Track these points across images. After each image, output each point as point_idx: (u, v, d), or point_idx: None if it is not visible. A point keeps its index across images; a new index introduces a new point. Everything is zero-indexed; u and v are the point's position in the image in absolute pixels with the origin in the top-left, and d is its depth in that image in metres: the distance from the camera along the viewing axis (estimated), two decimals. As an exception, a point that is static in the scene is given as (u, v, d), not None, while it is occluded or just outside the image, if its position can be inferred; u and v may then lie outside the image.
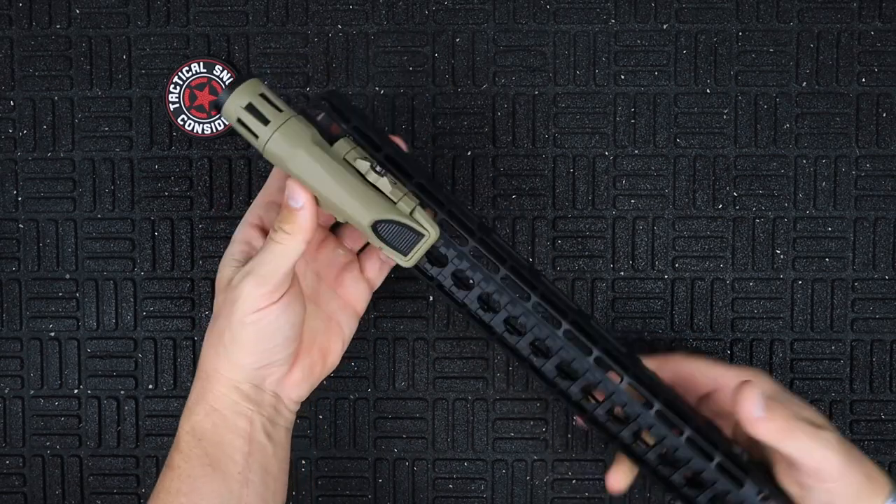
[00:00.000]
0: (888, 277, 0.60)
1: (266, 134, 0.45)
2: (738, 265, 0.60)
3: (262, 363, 0.48)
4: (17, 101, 0.61)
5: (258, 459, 0.48)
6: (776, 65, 0.60)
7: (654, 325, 0.60)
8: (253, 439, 0.48)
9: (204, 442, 0.48)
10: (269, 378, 0.49)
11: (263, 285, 0.46)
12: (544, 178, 0.61)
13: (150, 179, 0.61)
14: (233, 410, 0.48)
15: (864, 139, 0.60)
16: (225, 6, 0.61)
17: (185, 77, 0.60)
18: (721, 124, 0.60)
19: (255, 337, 0.47)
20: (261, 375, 0.48)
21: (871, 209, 0.60)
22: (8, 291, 0.62)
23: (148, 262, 0.61)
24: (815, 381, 0.60)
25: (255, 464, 0.48)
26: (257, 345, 0.47)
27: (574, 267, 0.61)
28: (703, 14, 0.60)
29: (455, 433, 0.61)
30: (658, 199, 0.60)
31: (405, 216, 0.46)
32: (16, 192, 0.61)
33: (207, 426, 0.48)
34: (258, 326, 0.46)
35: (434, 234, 0.46)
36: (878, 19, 0.60)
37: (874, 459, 0.60)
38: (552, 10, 0.60)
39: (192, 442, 0.48)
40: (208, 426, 0.48)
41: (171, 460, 0.48)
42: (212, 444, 0.48)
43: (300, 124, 0.46)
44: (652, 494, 0.61)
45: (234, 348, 0.47)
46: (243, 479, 0.47)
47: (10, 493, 0.61)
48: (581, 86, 0.61)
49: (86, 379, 0.61)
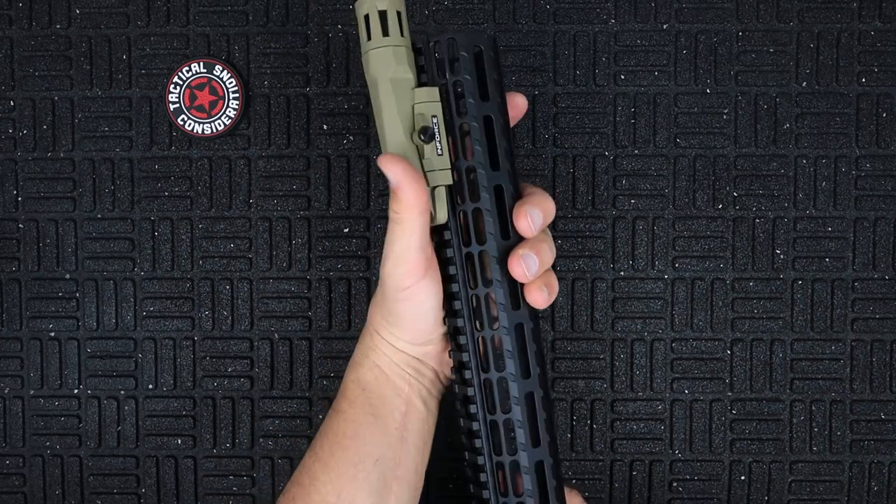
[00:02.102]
0: (888, 277, 0.60)
1: (376, 43, 0.46)
2: (738, 265, 0.60)
3: (418, 340, 0.49)
4: (17, 101, 0.61)
5: (414, 422, 0.50)
6: (776, 65, 0.60)
7: (654, 325, 0.60)
8: (410, 402, 0.50)
9: (367, 392, 0.49)
10: (428, 354, 0.50)
11: (400, 265, 0.46)
12: (544, 178, 0.61)
13: (150, 179, 0.61)
14: (394, 372, 0.50)
15: (864, 139, 0.60)
16: (225, 6, 0.61)
17: (185, 77, 0.60)
18: (721, 124, 0.60)
19: (408, 315, 0.48)
20: (421, 351, 0.50)
21: (871, 209, 0.60)
22: (8, 291, 0.62)
23: (148, 262, 0.61)
24: (815, 381, 0.60)
25: (412, 424, 0.50)
26: (412, 323, 0.48)
27: (574, 267, 0.61)
28: (703, 14, 0.60)
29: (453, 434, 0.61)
30: (658, 199, 0.60)
31: None
32: (16, 192, 0.61)
33: (370, 379, 0.50)
34: (408, 305, 0.47)
35: (441, 217, 0.46)
36: (878, 19, 0.60)
37: (874, 459, 0.60)
38: (552, 10, 0.60)
39: (356, 390, 0.50)
40: (371, 379, 0.50)
41: (338, 405, 0.50)
42: (375, 396, 0.49)
43: (392, 56, 0.46)
44: (652, 494, 0.61)
45: (392, 322, 0.49)
46: (400, 435, 0.49)
47: (10, 493, 0.61)
48: (581, 86, 0.61)
49: (86, 379, 0.61)
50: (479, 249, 0.47)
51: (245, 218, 0.61)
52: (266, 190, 0.61)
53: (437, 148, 0.46)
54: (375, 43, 0.46)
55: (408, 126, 0.46)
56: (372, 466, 0.48)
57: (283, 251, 0.61)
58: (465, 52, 0.46)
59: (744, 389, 0.60)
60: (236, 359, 0.61)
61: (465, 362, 0.48)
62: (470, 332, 0.47)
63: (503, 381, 0.47)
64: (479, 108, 0.46)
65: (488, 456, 0.48)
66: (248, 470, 0.61)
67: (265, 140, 0.61)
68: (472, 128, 0.46)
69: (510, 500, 0.47)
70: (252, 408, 0.61)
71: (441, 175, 0.46)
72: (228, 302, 0.61)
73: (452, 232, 0.47)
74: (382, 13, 0.46)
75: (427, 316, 0.48)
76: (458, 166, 0.46)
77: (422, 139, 0.45)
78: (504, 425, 0.47)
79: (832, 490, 0.60)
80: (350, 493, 0.47)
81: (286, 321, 0.61)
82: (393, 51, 0.45)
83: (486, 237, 0.46)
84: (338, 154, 0.61)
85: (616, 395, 0.61)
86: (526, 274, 0.46)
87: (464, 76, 0.46)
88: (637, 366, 0.61)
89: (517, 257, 0.46)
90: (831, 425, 0.60)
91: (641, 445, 0.61)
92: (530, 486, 0.47)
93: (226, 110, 0.60)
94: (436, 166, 0.46)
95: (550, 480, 0.48)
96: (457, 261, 0.47)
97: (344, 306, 0.61)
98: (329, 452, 0.48)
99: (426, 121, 0.45)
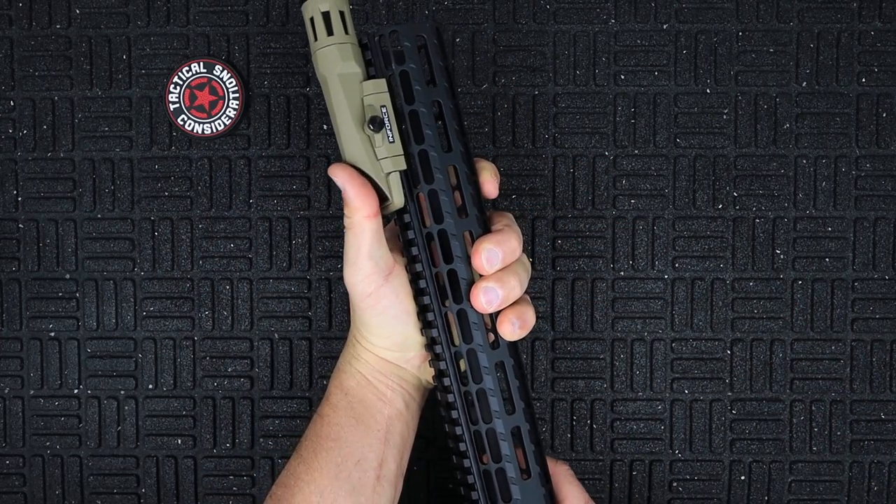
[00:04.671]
0: (888, 277, 0.60)
1: (322, 43, 0.47)
2: (738, 265, 0.60)
3: (394, 346, 0.50)
4: (17, 101, 0.61)
5: (397, 424, 0.50)
6: (776, 65, 0.60)
7: (654, 325, 0.60)
8: (393, 405, 0.50)
9: (350, 397, 0.50)
10: (410, 363, 0.51)
11: (356, 271, 0.47)
12: (544, 178, 0.61)
13: (150, 179, 0.61)
14: (377, 379, 0.50)
15: (864, 139, 0.60)
16: (225, 6, 0.61)
17: (185, 77, 0.60)
18: (721, 124, 0.60)
19: (375, 321, 0.49)
20: (402, 358, 0.50)
21: (871, 209, 0.60)
22: (8, 291, 0.62)
23: (148, 262, 0.61)
24: (815, 381, 0.60)
25: (394, 427, 0.50)
26: (381, 329, 0.49)
27: (574, 267, 0.61)
28: (703, 14, 0.60)
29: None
30: (658, 199, 0.60)
31: (379, 175, 0.47)
32: (16, 192, 0.61)
33: (353, 385, 0.50)
34: (374, 311, 0.48)
35: (398, 202, 0.47)
36: (878, 19, 0.60)
37: (874, 459, 0.60)
38: (552, 10, 0.60)
39: (339, 395, 0.50)
40: (353, 385, 0.50)
41: (322, 409, 0.51)
42: (357, 400, 0.50)
43: (338, 53, 0.47)
44: (652, 494, 0.61)
45: (364, 330, 0.50)
46: (384, 437, 0.50)
47: (10, 493, 0.61)
48: (581, 86, 0.61)
49: (86, 379, 0.61)
50: (438, 228, 0.48)
51: (245, 218, 0.61)
52: (266, 190, 0.61)
53: (387, 136, 0.47)
54: (321, 43, 0.47)
55: (359, 119, 0.47)
56: (354, 467, 0.48)
57: (283, 251, 0.61)
58: (408, 42, 0.48)
59: (744, 389, 0.60)
60: (236, 359, 0.61)
61: (436, 337, 0.49)
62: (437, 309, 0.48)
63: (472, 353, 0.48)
64: (426, 94, 0.48)
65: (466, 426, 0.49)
66: (248, 470, 0.61)
67: (265, 140, 0.61)
68: (421, 113, 0.48)
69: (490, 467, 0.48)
70: (252, 408, 0.61)
71: (395, 161, 0.47)
72: (228, 302, 0.61)
73: (412, 214, 0.48)
74: (326, 14, 0.47)
75: (396, 321, 0.49)
76: (411, 151, 0.48)
77: (371, 129, 0.47)
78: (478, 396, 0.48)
79: (832, 490, 0.60)
80: (332, 493, 0.48)
81: (286, 321, 0.61)
82: (338, 48, 0.47)
83: (444, 216, 0.48)
84: (338, 154, 0.61)
85: (616, 395, 0.61)
86: (486, 307, 0.47)
87: (409, 65, 0.48)
88: (637, 366, 0.61)
89: (479, 289, 0.47)
90: (831, 425, 0.60)
91: (641, 445, 0.61)
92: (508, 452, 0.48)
93: (226, 110, 0.60)
94: (388, 153, 0.47)
95: (528, 445, 0.49)
96: (418, 242, 0.48)
97: (344, 306, 0.61)
98: (312, 454, 0.49)
99: (375, 111, 0.47)
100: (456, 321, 0.48)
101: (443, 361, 0.49)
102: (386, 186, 0.47)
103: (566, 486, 0.51)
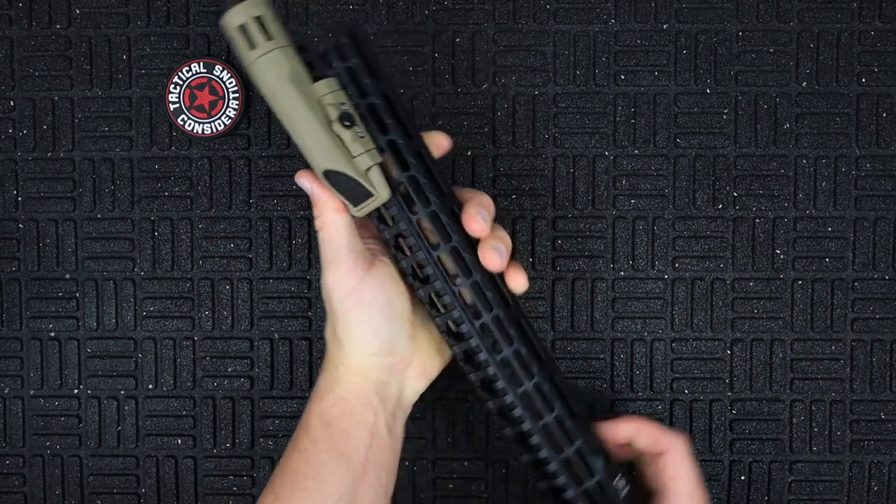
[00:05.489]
0: (888, 277, 0.60)
1: (263, 49, 0.45)
2: (738, 265, 0.60)
3: (382, 350, 0.49)
4: (17, 101, 0.61)
5: (377, 453, 0.49)
6: (776, 65, 0.60)
7: (654, 325, 0.60)
8: (375, 432, 0.49)
9: (331, 429, 0.49)
10: (394, 369, 0.50)
11: (336, 269, 0.48)
12: (544, 178, 0.61)
13: (150, 179, 0.61)
14: (361, 402, 0.49)
15: (864, 139, 0.60)
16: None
17: (185, 77, 0.60)
18: (721, 124, 0.60)
19: (362, 320, 0.48)
20: (387, 364, 0.49)
21: (871, 209, 0.60)
22: (8, 291, 0.62)
23: (148, 262, 0.61)
24: (815, 381, 0.60)
25: (374, 456, 0.49)
26: (369, 327, 0.48)
27: (574, 267, 0.61)
28: (703, 14, 0.60)
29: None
30: (658, 199, 0.60)
31: (359, 172, 0.46)
32: (16, 192, 0.61)
33: (336, 413, 0.49)
34: (360, 309, 0.48)
35: (384, 195, 0.47)
36: (878, 19, 0.60)
37: (874, 459, 0.60)
38: (552, 10, 0.60)
39: (320, 427, 0.49)
40: (336, 413, 0.49)
41: (299, 442, 0.49)
42: (339, 432, 0.49)
43: (283, 57, 0.45)
44: (652, 494, 0.61)
45: (349, 339, 0.49)
46: (362, 470, 0.48)
47: (10, 493, 0.61)
48: (581, 86, 0.61)
49: (86, 379, 0.61)
50: (428, 210, 0.48)
51: (245, 218, 0.61)
52: (266, 190, 0.61)
53: (357, 131, 0.46)
54: (262, 49, 0.45)
55: (322, 120, 0.46)
56: None
57: (283, 251, 0.61)
58: (345, 38, 0.47)
59: (744, 389, 0.60)
60: (236, 359, 0.61)
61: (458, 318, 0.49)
62: (451, 290, 0.48)
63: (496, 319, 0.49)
64: (376, 86, 0.48)
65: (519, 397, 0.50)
66: (248, 470, 0.61)
67: (265, 140, 0.61)
68: (378, 105, 0.47)
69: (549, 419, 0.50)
70: (252, 408, 0.61)
71: (371, 155, 0.47)
72: (228, 302, 0.61)
73: (399, 205, 0.48)
74: (259, 18, 0.45)
75: (382, 315, 0.48)
76: (380, 144, 0.47)
77: (346, 125, 0.46)
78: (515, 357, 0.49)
79: (832, 490, 0.60)
80: None
81: (286, 321, 0.61)
82: (282, 52, 0.45)
83: (429, 198, 0.48)
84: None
85: (616, 396, 0.61)
86: (502, 264, 0.49)
87: (353, 60, 0.47)
88: (637, 366, 0.61)
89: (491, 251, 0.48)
90: (831, 425, 0.60)
91: (641, 445, 0.61)
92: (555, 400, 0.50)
93: (226, 110, 0.60)
94: (363, 148, 0.46)
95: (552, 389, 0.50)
96: (412, 230, 0.48)
97: (344, 306, 0.61)
98: (289, 492, 0.48)
99: (339, 108, 0.46)
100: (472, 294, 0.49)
101: (472, 339, 0.49)
102: (368, 182, 0.46)
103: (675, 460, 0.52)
